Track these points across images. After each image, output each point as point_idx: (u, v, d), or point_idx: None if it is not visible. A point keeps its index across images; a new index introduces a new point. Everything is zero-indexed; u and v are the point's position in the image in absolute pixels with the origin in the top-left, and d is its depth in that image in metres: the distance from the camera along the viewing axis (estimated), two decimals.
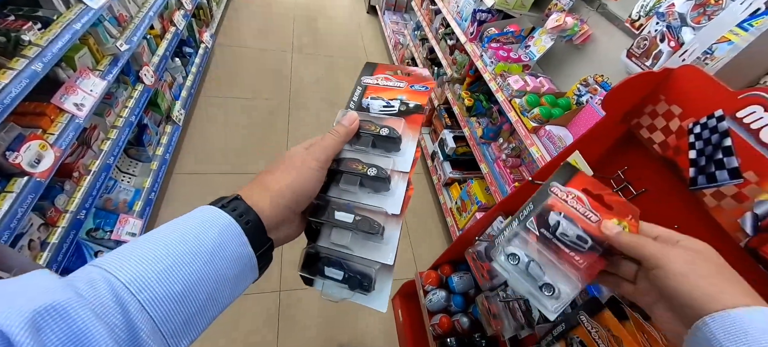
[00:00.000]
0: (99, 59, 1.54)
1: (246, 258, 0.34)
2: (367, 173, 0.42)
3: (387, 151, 0.45)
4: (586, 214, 0.44)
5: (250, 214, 0.34)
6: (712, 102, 0.63)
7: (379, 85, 0.50)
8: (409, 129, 0.45)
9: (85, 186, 1.46)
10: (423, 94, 0.47)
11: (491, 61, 1.78)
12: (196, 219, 0.33)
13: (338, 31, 4.03)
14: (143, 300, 0.26)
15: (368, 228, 0.40)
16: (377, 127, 0.44)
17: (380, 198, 0.43)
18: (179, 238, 0.30)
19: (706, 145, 0.64)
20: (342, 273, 0.41)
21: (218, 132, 2.49)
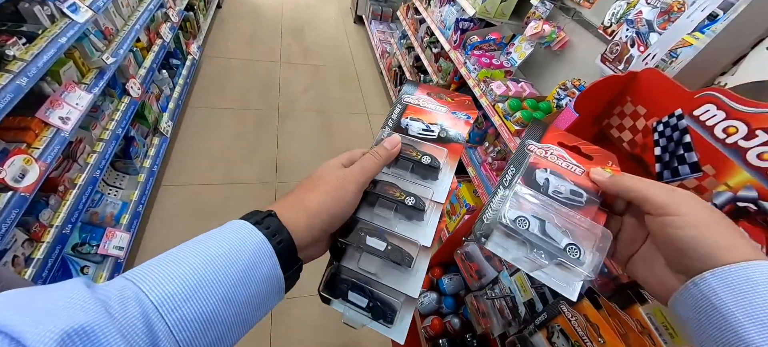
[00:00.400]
0: (85, 72, 1.54)
1: (274, 280, 0.32)
2: (405, 202, 0.40)
3: (424, 178, 0.44)
4: (571, 168, 0.41)
5: (282, 233, 0.33)
6: (672, 102, 0.68)
7: (420, 106, 0.49)
8: (449, 158, 0.44)
9: (70, 200, 1.44)
10: (464, 124, 0.46)
11: (474, 67, 1.84)
12: (230, 236, 0.32)
13: (326, 42, 4.08)
14: (171, 323, 0.26)
15: (399, 259, 0.38)
16: (418, 153, 0.43)
17: (412, 226, 0.41)
18: (212, 256, 0.29)
19: (668, 142, 0.69)
20: (366, 301, 0.39)
21: (207, 143, 2.48)
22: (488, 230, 0.38)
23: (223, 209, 2.09)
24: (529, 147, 0.44)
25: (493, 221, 0.39)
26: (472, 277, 1.25)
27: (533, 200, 0.39)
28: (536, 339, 0.75)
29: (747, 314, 0.26)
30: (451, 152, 0.44)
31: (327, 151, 2.72)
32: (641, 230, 0.36)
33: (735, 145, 0.60)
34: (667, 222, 0.32)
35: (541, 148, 0.44)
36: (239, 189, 2.25)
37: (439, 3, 2.27)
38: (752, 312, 0.26)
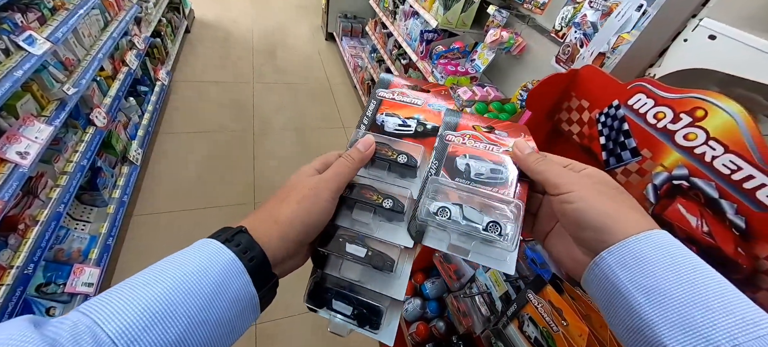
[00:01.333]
0: (44, 105, 1.49)
1: (247, 299, 0.31)
2: (383, 205, 0.39)
3: (402, 176, 0.42)
4: (487, 148, 0.42)
5: (254, 250, 0.32)
6: (609, 94, 0.74)
7: (395, 100, 0.47)
8: (427, 154, 0.42)
9: (32, 238, 1.37)
10: (441, 116, 0.45)
11: (442, 75, 1.91)
12: (196, 257, 0.30)
13: (298, 60, 4.11)
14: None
15: (381, 264, 0.37)
16: (394, 152, 0.42)
17: (393, 228, 0.40)
18: (176, 281, 0.27)
19: (610, 131, 0.75)
20: (350, 309, 0.38)
21: (181, 168, 2.43)
22: (422, 227, 0.39)
23: (199, 235, 2.00)
24: (446, 137, 0.44)
25: (421, 219, 0.39)
26: (452, 278, 1.27)
27: (454, 187, 0.40)
28: (509, 330, 0.77)
29: (639, 288, 0.27)
30: (428, 146, 0.43)
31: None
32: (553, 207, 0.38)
33: (665, 129, 0.66)
34: (561, 199, 0.33)
35: (458, 135, 0.44)
36: (216, 213, 2.21)
37: (404, 17, 2.35)
38: (643, 286, 0.27)
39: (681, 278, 0.26)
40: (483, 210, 0.38)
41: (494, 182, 0.39)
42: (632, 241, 0.28)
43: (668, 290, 0.26)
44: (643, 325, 0.26)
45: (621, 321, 0.28)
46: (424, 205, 0.39)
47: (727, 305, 0.25)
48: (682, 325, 0.25)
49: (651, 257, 0.27)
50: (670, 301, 0.26)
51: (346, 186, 0.40)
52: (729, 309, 0.24)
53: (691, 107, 0.62)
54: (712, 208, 0.63)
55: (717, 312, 0.24)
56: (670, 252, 0.28)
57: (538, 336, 0.71)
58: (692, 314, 0.25)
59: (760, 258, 0.58)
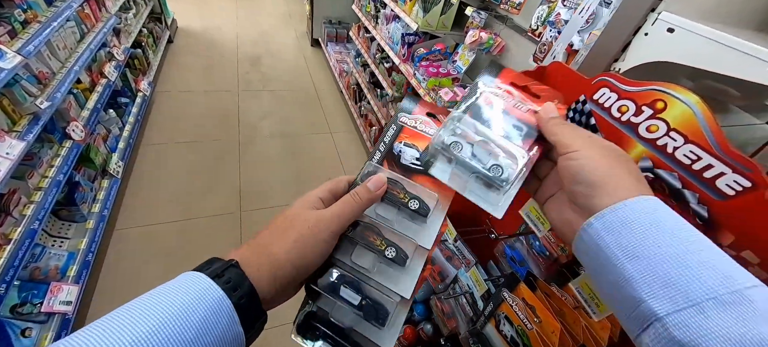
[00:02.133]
0: (16, 119, 1.45)
1: (232, 337, 0.29)
2: (385, 253, 0.37)
3: (411, 219, 0.40)
4: (517, 104, 0.42)
5: (244, 287, 0.30)
6: (576, 90, 0.75)
7: (417, 129, 0.44)
8: (441, 200, 0.40)
9: (4, 257, 1.32)
10: None
11: (424, 78, 1.92)
12: (183, 294, 0.28)
13: (284, 66, 4.10)
14: None
15: (373, 316, 0.36)
16: (407, 196, 0.39)
17: (394, 275, 0.38)
18: (162, 320, 0.26)
19: (579, 125, 0.76)
20: None
21: (164, 179, 2.39)
22: (433, 156, 0.39)
23: (184, 247, 2.00)
24: (479, 85, 0.44)
25: (433, 147, 0.39)
26: (436, 280, 1.26)
27: (473, 130, 0.40)
28: (487, 330, 0.77)
29: (622, 249, 0.28)
30: (445, 190, 0.40)
31: (293, 173, 2.69)
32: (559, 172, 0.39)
33: (628, 122, 0.66)
34: (567, 156, 0.34)
35: (493, 87, 0.44)
36: (201, 224, 2.17)
37: (385, 21, 2.36)
38: (625, 247, 0.28)
39: (662, 238, 0.27)
40: (492, 154, 0.38)
41: (511, 139, 0.39)
42: (620, 207, 0.29)
43: (649, 249, 0.27)
44: (623, 282, 0.27)
45: (605, 280, 0.29)
46: (441, 136, 0.39)
47: (705, 261, 0.25)
48: (660, 280, 0.25)
49: (636, 221, 0.28)
50: (649, 259, 0.26)
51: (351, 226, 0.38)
52: (707, 264, 0.25)
53: (652, 99, 0.63)
54: (677, 199, 0.63)
55: (695, 267, 0.25)
56: (656, 216, 0.28)
57: (514, 334, 0.71)
58: (670, 270, 0.25)
59: (724, 246, 0.59)
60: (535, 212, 0.74)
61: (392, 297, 0.37)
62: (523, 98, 0.44)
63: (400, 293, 0.37)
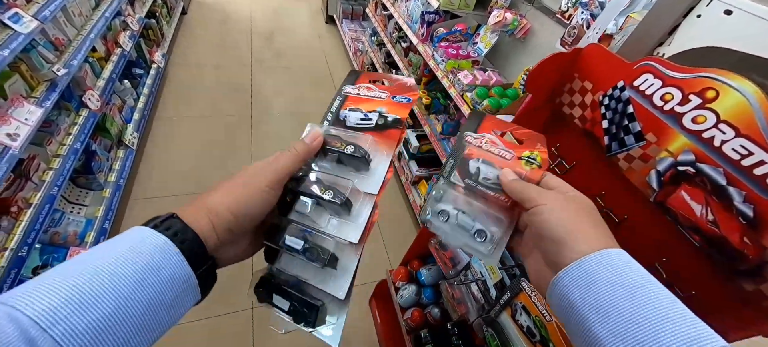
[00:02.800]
0: (34, 86, 1.46)
1: (184, 279, 0.31)
2: (323, 197, 0.38)
3: (356, 169, 0.41)
4: (500, 154, 0.43)
5: (186, 233, 0.32)
6: (614, 75, 0.70)
7: (360, 95, 0.47)
8: (383, 145, 0.41)
9: (25, 220, 1.36)
10: (404, 107, 0.44)
11: (442, 59, 1.85)
12: (125, 242, 0.30)
13: (298, 43, 4.02)
14: (57, 336, 0.23)
15: (315, 258, 0.36)
16: (343, 143, 0.41)
17: (342, 224, 0.39)
18: (103, 264, 0.27)
19: (614, 114, 0.71)
20: (288, 303, 0.38)
21: (177, 152, 2.40)
22: (424, 223, 0.42)
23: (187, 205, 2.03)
24: (466, 138, 0.45)
25: (426, 211, 0.42)
26: (447, 265, 1.25)
27: (461, 191, 0.42)
28: (502, 318, 0.75)
29: (590, 307, 0.28)
30: (385, 137, 0.42)
31: None
32: None
33: (672, 111, 0.62)
34: (532, 212, 0.35)
35: (477, 137, 0.45)
36: None
37: None
38: (593, 305, 0.28)
39: (628, 296, 0.27)
40: (476, 218, 0.40)
41: (498, 189, 0.40)
42: (586, 261, 0.30)
43: (616, 307, 0.27)
44: (593, 341, 0.28)
45: (577, 336, 0.30)
46: (429, 205, 0.41)
47: (673, 322, 0.26)
48: (628, 341, 0.26)
49: (602, 276, 0.29)
50: (616, 318, 0.27)
51: (294, 179, 0.39)
52: (674, 325, 0.25)
53: (702, 88, 0.58)
54: (719, 196, 0.59)
55: (661, 329, 0.25)
56: (621, 271, 0.29)
57: (531, 325, 0.69)
58: (638, 332, 0.26)
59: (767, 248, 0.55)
60: None
61: (341, 242, 0.38)
62: (506, 145, 0.44)
63: (347, 238, 0.37)
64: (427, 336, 1.35)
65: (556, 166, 0.92)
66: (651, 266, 0.73)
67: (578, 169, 0.89)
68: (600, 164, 0.82)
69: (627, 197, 0.76)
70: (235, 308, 1.72)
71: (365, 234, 0.37)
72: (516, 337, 0.74)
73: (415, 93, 0.47)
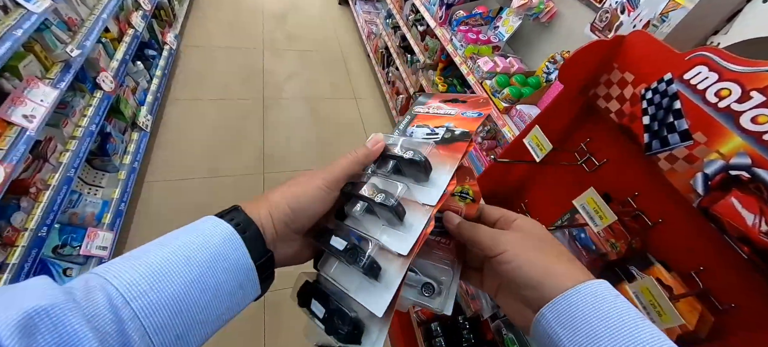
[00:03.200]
0: (48, 67, 1.45)
1: (245, 270, 0.32)
2: (374, 199, 0.35)
3: (416, 180, 0.39)
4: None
5: (248, 225, 0.34)
6: (661, 66, 0.63)
7: (430, 113, 0.46)
8: (446, 157, 0.38)
9: (44, 201, 1.38)
10: (474, 121, 0.41)
11: (461, 44, 1.77)
12: (198, 228, 0.32)
13: (310, 25, 3.94)
14: (138, 309, 0.26)
15: (355, 260, 0.34)
16: (404, 150, 0.39)
17: (393, 234, 0.36)
18: (179, 247, 0.30)
19: (657, 110, 0.65)
20: (324, 311, 0.36)
21: (190, 135, 2.41)
22: None
23: (209, 202, 2.04)
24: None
25: None
26: None
27: None
28: None
29: (573, 344, 0.28)
30: (453, 150, 0.39)
31: (315, 138, 2.66)
32: None
33: (728, 109, 0.56)
34: (498, 260, 0.34)
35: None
36: (225, 182, 2.20)
37: None
38: (576, 341, 0.28)
39: (610, 330, 0.27)
40: (421, 270, 0.39)
41: (439, 232, 0.40)
42: (566, 296, 0.30)
43: (600, 343, 0.27)
44: None
45: None
46: None
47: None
48: None
49: (583, 311, 0.29)
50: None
51: (351, 183, 0.39)
52: None
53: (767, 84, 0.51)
54: None
55: None
56: (601, 305, 0.29)
57: None
58: None
59: None
60: (592, 204, 0.66)
61: (390, 253, 0.35)
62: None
63: (395, 249, 0.35)
64: (437, 329, 1.34)
65: (584, 162, 0.86)
66: (685, 273, 0.68)
67: (609, 167, 0.83)
68: (635, 163, 0.76)
69: (664, 200, 0.71)
70: None
71: (416, 248, 0.34)
72: None
73: (489, 108, 0.44)
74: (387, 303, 0.33)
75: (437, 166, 0.38)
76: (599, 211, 0.64)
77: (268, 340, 1.66)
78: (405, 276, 0.34)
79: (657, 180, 0.69)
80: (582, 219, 0.71)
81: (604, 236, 0.79)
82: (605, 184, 0.82)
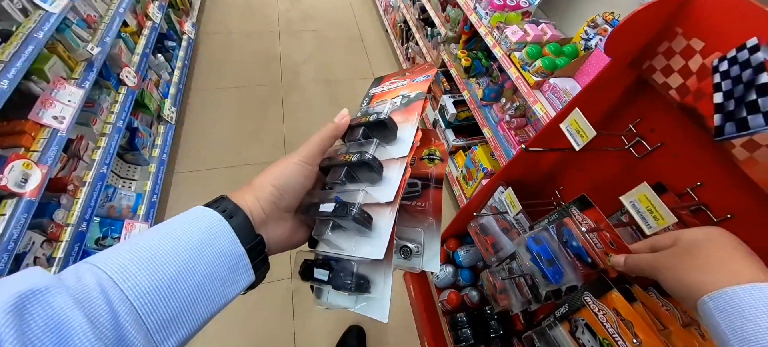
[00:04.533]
0: (73, 66, 1.49)
1: (236, 256, 0.33)
2: (351, 160, 0.39)
3: (386, 140, 0.42)
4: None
5: (236, 212, 0.35)
6: (743, 29, 0.50)
7: (384, 91, 0.49)
8: (408, 115, 0.42)
9: (82, 197, 1.45)
10: (424, 83, 0.45)
11: (486, 12, 1.60)
12: (185, 217, 0.33)
13: (326, 3, 3.80)
14: (127, 290, 0.27)
15: (345, 213, 0.36)
16: (368, 116, 0.42)
17: (375, 189, 0.40)
18: (167, 234, 0.31)
19: (735, 85, 0.53)
20: (327, 273, 0.38)
21: (213, 125, 2.44)
22: None
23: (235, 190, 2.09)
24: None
25: None
26: (488, 251, 1.15)
27: None
28: (556, 332, 0.65)
29: (734, 333, 0.32)
30: (411, 111, 0.43)
31: None
32: None
33: None
34: (658, 278, 0.43)
35: None
36: (249, 170, 2.23)
37: None
38: (737, 332, 0.32)
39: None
40: (398, 235, 0.40)
41: (413, 196, 0.43)
42: (734, 291, 0.33)
43: (758, 335, 0.30)
44: None
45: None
46: None
47: None
48: None
49: (749, 306, 0.32)
50: (758, 345, 0.30)
51: (328, 158, 0.42)
52: None
53: None
54: None
55: None
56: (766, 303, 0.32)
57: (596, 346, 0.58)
58: None
59: None
60: (645, 202, 0.56)
61: (376, 204, 0.38)
62: None
63: (381, 199, 0.38)
64: (463, 320, 1.29)
65: (633, 145, 0.74)
66: None
67: (663, 152, 0.71)
68: (700, 149, 0.64)
69: (737, 193, 0.59)
70: (276, 277, 1.79)
71: (399, 193, 0.38)
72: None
73: (433, 69, 0.48)
74: (384, 245, 0.36)
75: (402, 124, 0.42)
76: (654, 211, 0.54)
77: (297, 322, 1.71)
78: (396, 220, 0.36)
79: (728, 171, 0.57)
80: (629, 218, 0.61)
81: (602, 248, 0.65)
82: (658, 174, 0.71)
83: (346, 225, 0.38)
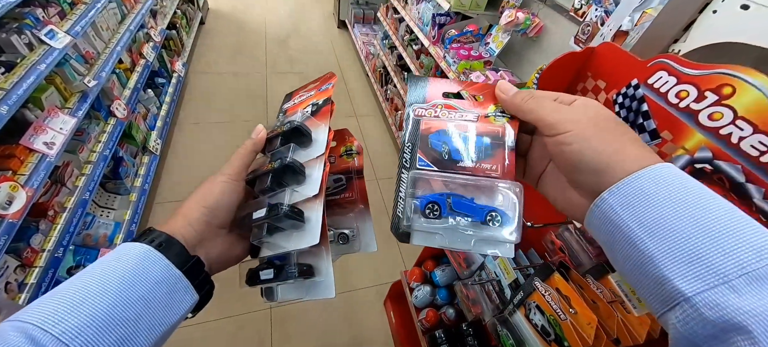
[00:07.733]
0: (67, 97, 1.56)
1: (173, 279, 0.33)
2: (274, 167, 0.40)
3: (303, 146, 0.44)
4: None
5: (162, 237, 0.35)
6: (628, 73, 0.70)
7: (296, 104, 0.53)
8: (319, 120, 0.45)
9: (61, 223, 1.45)
10: (329, 90, 0.49)
11: (454, 60, 1.86)
12: (112, 255, 0.33)
13: (311, 49, 4.10)
14: (59, 334, 0.26)
15: (277, 213, 0.38)
16: (283, 126, 0.44)
17: (301, 187, 0.42)
18: (93, 274, 0.30)
19: (628, 112, 0.71)
20: (272, 271, 0.40)
21: (197, 158, 2.50)
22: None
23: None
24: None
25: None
26: (461, 266, 1.26)
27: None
28: (516, 318, 0.76)
29: (641, 225, 0.26)
30: (322, 115, 0.46)
31: None
32: (547, 148, 0.34)
33: (687, 109, 0.61)
34: (558, 140, 0.31)
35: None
36: None
37: (415, 1, 2.29)
38: (645, 222, 0.26)
39: (684, 210, 0.25)
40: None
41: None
42: (633, 179, 0.27)
43: (670, 224, 0.25)
44: (645, 260, 0.25)
45: (624, 258, 0.27)
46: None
47: (734, 233, 0.23)
48: (686, 257, 0.23)
49: (653, 192, 0.26)
50: (671, 234, 0.24)
51: (252, 172, 0.43)
52: (737, 236, 0.23)
53: (718, 84, 0.57)
54: (738, 193, 0.58)
55: (723, 240, 0.23)
56: (673, 186, 0.26)
57: (545, 323, 0.69)
58: (696, 245, 0.23)
59: None
60: None
61: (304, 201, 0.40)
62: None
63: (307, 194, 0.40)
64: (442, 337, 1.36)
65: None
66: None
67: None
68: None
69: None
70: (254, 308, 1.77)
71: (322, 185, 0.40)
72: (530, 336, 0.74)
73: (334, 77, 0.52)
74: (318, 231, 0.38)
75: (315, 128, 0.44)
76: None
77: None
78: (324, 209, 0.39)
79: None
80: None
81: None
82: None
83: (281, 225, 0.40)
